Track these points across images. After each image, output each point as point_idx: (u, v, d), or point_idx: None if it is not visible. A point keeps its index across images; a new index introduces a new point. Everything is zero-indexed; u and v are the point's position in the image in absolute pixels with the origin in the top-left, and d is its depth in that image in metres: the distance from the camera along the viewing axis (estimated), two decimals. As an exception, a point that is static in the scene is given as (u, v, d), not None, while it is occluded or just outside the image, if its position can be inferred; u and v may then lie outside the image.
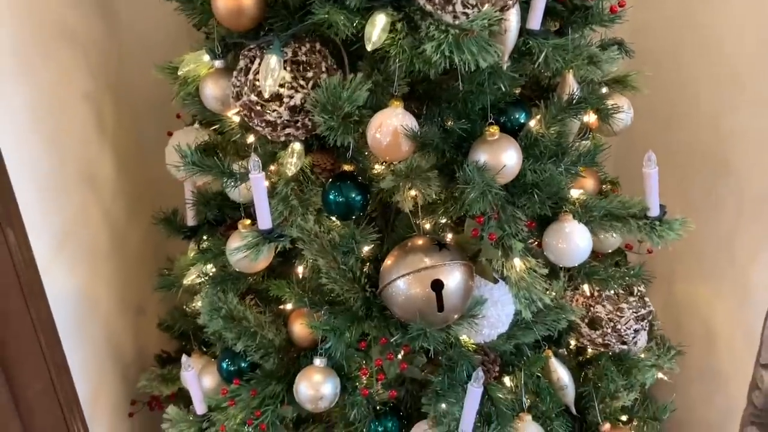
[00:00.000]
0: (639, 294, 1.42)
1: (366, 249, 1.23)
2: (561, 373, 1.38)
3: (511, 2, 0.98)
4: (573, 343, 1.48)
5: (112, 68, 1.73)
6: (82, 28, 1.60)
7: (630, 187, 1.36)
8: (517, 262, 1.14)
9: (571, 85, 1.20)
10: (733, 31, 1.49)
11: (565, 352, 1.49)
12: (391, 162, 1.12)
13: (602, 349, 1.44)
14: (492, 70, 1.06)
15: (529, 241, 1.20)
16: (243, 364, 1.37)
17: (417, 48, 1.02)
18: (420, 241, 1.18)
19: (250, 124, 1.16)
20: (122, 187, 1.76)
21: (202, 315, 1.31)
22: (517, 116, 1.18)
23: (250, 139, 1.31)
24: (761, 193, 1.49)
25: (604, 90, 1.33)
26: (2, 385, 1.30)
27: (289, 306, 1.34)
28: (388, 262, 1.19)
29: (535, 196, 1.14)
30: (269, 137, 1.17)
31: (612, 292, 1.38)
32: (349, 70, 1.16)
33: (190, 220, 1.49)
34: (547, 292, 1.15)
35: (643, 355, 1.45)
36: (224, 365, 1.38)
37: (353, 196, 1.17)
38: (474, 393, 1.17)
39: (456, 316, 1.17)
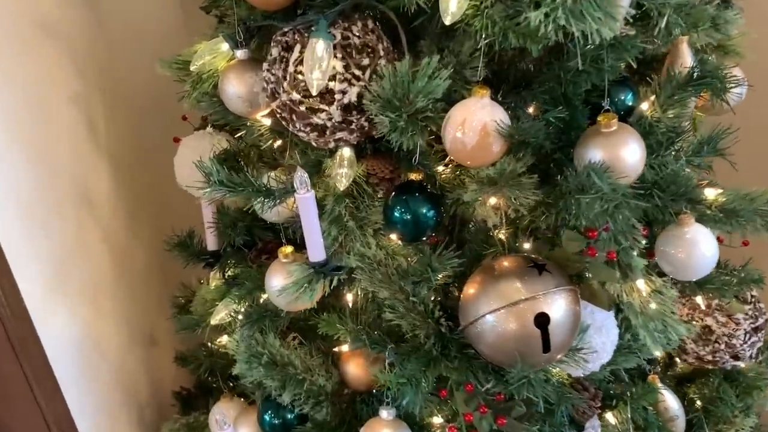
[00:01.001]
0: (754, 300, 1.19)
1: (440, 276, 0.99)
2: (670, 401, 1.16)
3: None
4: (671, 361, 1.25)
5: (101, 64, 1.46)
6: (64, 18, 1.33)
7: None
8: (641, 284, 0.90)
9: (686, 56, 0.95)
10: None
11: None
12: (477, 167, 0.88)
13: (709, 366, 1.21)
14: (614, 41, 0.81)
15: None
16: (289, 416, 1.14)
17: (512, 18, 0.77)
18: (511, 263, 0.94)
19: (290, 128, 0.92)
20: (122, 204, 1.51)
21: (239, 363, 1.07)
22: (623, 98, 0.94)
23: (279, 143, 1.07)
24: None
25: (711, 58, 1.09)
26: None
27: (344, 346, 1.10)
28: (470, 291, 0.95)
29: (656, 197, 0.90)
30: (314, 144, 0.92)
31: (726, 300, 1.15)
32: (409, 52, 0.91)
33: (211, 245, 1.25)
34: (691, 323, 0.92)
35: (759, 371, 1.22)
36: (267, 418, 1.15)
37: (424, 211, 0.93)
38: (589, 447, 0.95)
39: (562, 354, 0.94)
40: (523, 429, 0.95)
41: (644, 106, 0.93)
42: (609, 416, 1.13)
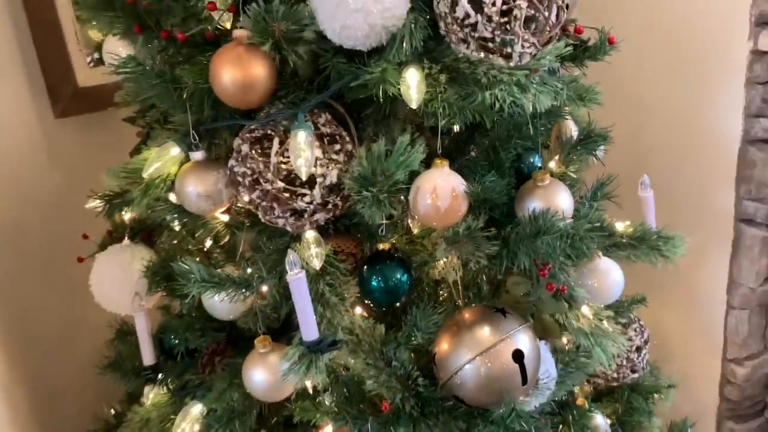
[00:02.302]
0: (636, 319, 1.42)
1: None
2: (599, 420, 1.32)
3: (556, 34, 0.93)
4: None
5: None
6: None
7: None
8: (586, 310, 1.06)
9: (571, 124, 1.18)
10: (634, 64, 1.62)
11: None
12: (445, 227, 0.99)
13: (614, 384, 1.41)
14: (550, 110, 1.00)
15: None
16: None
17: (465, 98, 0.92)
18: (475, 312, 1.05)
19: (266, 217, 0.96)
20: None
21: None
22: (533, 161, 1.13)
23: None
24: (693, 207, 1.61)
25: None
26: None
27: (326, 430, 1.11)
28: (444, 346, 1.03)
29: (576, 248, 1.08)
30: (290, 228, 0.97)
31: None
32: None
33: (148, 359, 1.18)
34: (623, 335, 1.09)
35: (652, 379, 1.44)
36: None
37: (398, 276, 1.02)
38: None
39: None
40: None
41: (552, 164, 1.13)
42: (554, 439, 1.26)
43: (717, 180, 1.56)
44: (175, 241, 1.23)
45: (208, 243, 1.20)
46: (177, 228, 1.14)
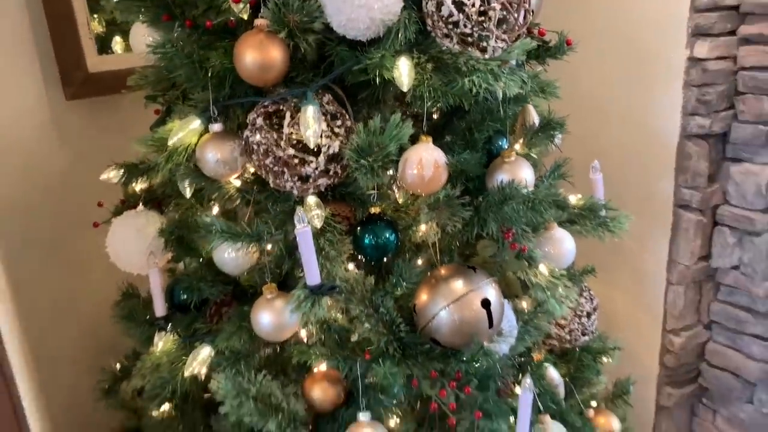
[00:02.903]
0: (587, 288, 1.62)
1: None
2: (553, 373, 1.51)
3: (523, 33, 1.12)
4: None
5: None
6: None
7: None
8: (543, 268, 1.25)
9: (533, 113, 1.37)
10: (589, 67, 1.83)
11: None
12: (429, 194, 1.17)
13: (568, 345, 1.60)
14: (519, 96, 1.19)
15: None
16: (269, 449, 1.26)
17: (447, 84, 1.11)
18: (450, 269, 1.23)
19: (275, 182, 1.12)
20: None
21: (227, 401, 1.18)
22: (500, 143, 1.32)
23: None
24: (638, 194, 1.83)
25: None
26: None
27: (316, 369, 1.27)
28: (423, 297, 1.21)
29: (536, 210, 1.28)
30: (296, 191, 1.14)
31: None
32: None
33: (160, 311, 1.33)
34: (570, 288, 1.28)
35: (599, 342, 1.64)
36: (248, 456, 1.25)
37: (387, 236, 1.19)
38: (527, 399, 1.24)
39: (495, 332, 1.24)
40: (480, 396, 1.22)
41: (517, 147, 1.32)
42: (517, 389, 1.44)
43: (658, 170, 1.78)
44: (185, 209, 1.38)
45: (215, 210, 1.36)
46: (188, 195, 1.28)
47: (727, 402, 1.87)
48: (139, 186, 1.42)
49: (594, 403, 1.64)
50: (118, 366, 1.58)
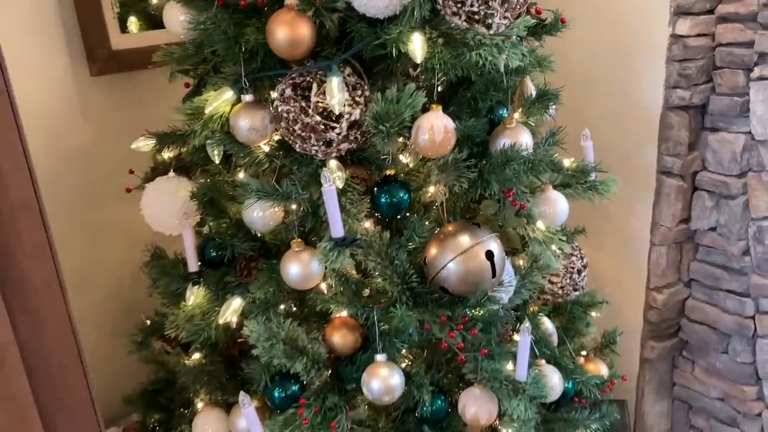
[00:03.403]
0: (578, 248, 1.77)
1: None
2: (547, 324, 1.67)
3: (523, 11, 1.25)
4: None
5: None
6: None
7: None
8: (540, 225, 1.40)
9: (530, 86, 1.51)
10: (579, 44, 1.96)
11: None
12: (436, 158, 1.31)
13: (560, 300, 1.75)
14: (519, 68, 1.32)
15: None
16: (294, 388, 1.40)
17: (456, 57, 1.24)
18: (456, 226, 1.37)
19: (302, 146, 1.25)
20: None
21: (259, 345, 1.32)
22: (501, 112, 1.46)
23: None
24: (623, 161, 1.97)
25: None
26: None
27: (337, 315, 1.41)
28: (432, 251, 1.35)
29: (535, 170, 1.42)
30: (321, 155, 1.27)
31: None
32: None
33: (193, 266, 1.47)
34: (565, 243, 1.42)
35: (589, 297, 1.80)
36: (276, 394, 1.39)
37: (401, 195, 1.33)
38: (525, 341, 1.38)
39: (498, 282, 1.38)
40: (484, 338, 1.36)
41: (516, 115, 1.45)
42: (515, 336, 1.59)
43: (643, 139, 1.93)
44: (212, 175, 1.51)
45: (241, 175, 1.48)
46: (217, 161, 1.41)
47: (704, 353, 2.03)
48: (168, 154, 1.54)
49: (584, 353, 1.80)
50: (147, 322, 1.71)
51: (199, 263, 1.49)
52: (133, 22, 1.96)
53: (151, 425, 1.75)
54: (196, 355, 1.55)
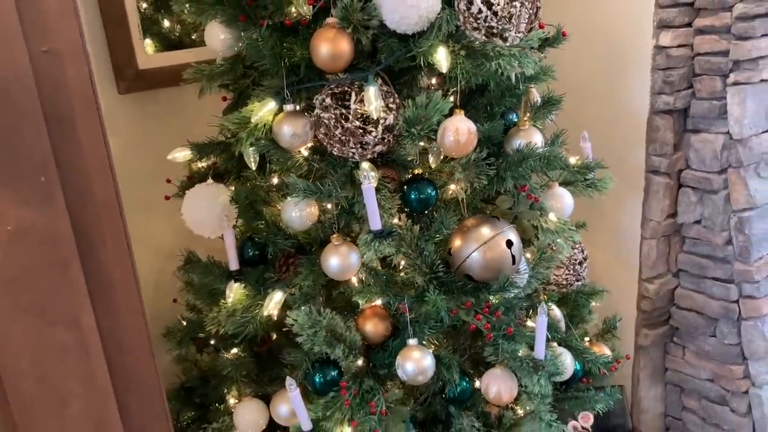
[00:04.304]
0: (579, 242, 1.92)
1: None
2: (556, 311, 1.81)
3: (534, 27, 1.41)
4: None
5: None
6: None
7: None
8: (552, 216, 1.55)
9: (536, 94, 1.67)
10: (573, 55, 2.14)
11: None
12: (459, 157, 1.45)
13: (564, 290, 1.90)
14: (531, 76, 1.48)
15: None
16: (333, 373, 1.52)
17: (477, 66, 1.39)
18: (477, 219, 1.51)
19: (339, 149, 1.39)
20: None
21: (303, 333, 1.43)
22: (511, 117, 1.61)
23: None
24: (614, 162, 2.14)
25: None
26: None
27: (372, 304, 1.53)
28: (457, 243, 1.49)
29: (550, 165, 1.57)
30: (357, 157, 1.40)
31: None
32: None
33: (234, 265, 1.58)
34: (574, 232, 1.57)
35: (589, 287, 1.95)
36: (318, 379, 1.50)
37: (429, 191, 1.47)
38: (543, 321, 1.52)
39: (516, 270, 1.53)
40: (507, 320, 1.50)
41: (526, 119, 1.61)
42: (529, 322, 1.73)
43: (632, 141, 2.10)
44: (247, 181, 1.63)
45: (275, 180, 1.61)
46: (254, 167, 1.53)
47: (694, 338, 2.20)
48: (204, 163, 1.66)
49: (588, 338, 1.95)
50: (184, 322, 1.81)
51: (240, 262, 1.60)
52: (149, 45, 2.09)
53: (185, 421, 1.84)
54: (234, 350, 1.66)
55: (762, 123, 1.95)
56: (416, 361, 1.48)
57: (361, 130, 1.36)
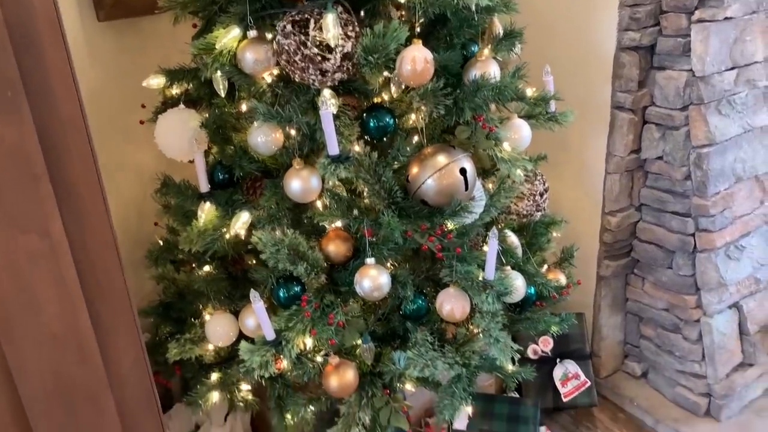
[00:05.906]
0: (540, 173, 2.00)
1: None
2: (512, 237, 1.90)
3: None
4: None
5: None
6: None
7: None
8: (506, 146, 1.62)
9: (498, 25, 1.71)
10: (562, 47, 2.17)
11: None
12: (416, 87, 1.51)
13: (524, 220, 1.99)
14: (489, 8, 1.52)
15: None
16: (296, 288, 1.62)
17: (433, -3, 1.44)
18: (435, 148, 1.58)
19: (300, 76, 1.45)
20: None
21: (266, 250, 1.53)
22: (473, 49, 1.67)
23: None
24: (581, 98, 2.20)
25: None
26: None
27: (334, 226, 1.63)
28: (414, 170, 1.57)
29: (503, 95, 1.63)
30: (317, 84, 1.47)
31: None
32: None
33: (204, 187, 1.67)
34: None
35: (549, 218, 2.04)
36: (282, 293, 1.61)
37: (387, 119, 1.54)
38: (493, 245, 1.62)
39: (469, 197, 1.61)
40: (458, 242, 1.59)
41: (486, 51, 1.66)
42: (485, 247, 1.83)
43: (598, 77, 2.15)
44: (217, 107, 1.70)
45: (244, 107, 1.68)
46: (223, 94, 1.60)
47: (652, 269, 2.30)
48: (177, 89, 1.73)
49: (546, 266, 2.05)
50: (161, 242, 1.91)
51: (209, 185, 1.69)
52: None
53: (164, 335, 1.96)
54: (207, 268, 1.76)
55: (725, 61, 1.99)
56: (372, 279, 1.58)
57: (319, 57, 1.42)
